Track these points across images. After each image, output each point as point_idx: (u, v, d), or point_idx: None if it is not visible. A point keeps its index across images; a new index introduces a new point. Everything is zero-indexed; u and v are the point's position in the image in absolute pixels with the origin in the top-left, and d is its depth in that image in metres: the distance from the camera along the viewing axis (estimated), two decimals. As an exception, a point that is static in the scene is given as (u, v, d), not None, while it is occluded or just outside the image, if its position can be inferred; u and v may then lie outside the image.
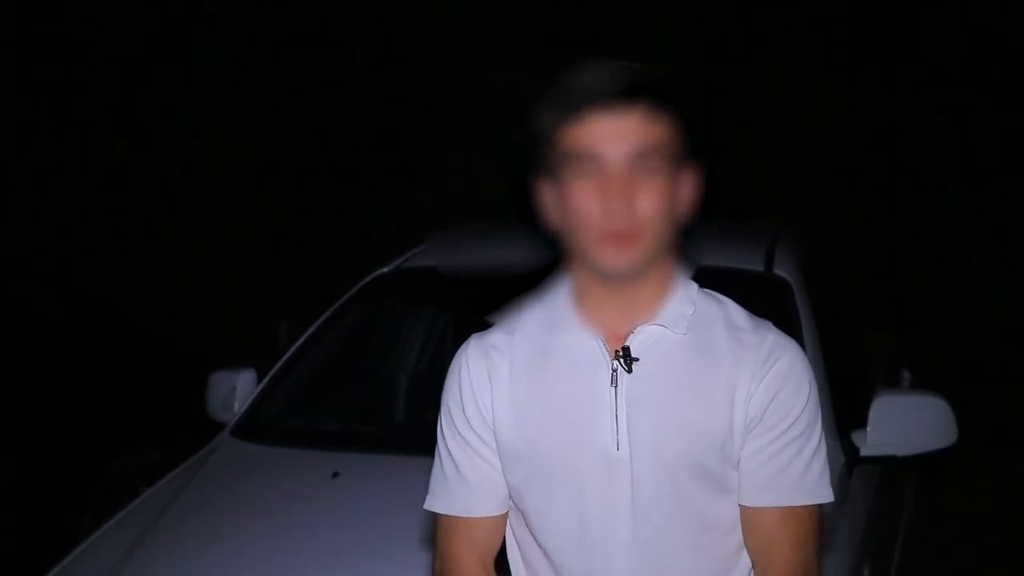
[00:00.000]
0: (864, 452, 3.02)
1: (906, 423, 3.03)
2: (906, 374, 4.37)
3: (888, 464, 3.24)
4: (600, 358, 1.61)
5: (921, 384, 4.20)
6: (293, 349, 3.61)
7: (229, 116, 8.05)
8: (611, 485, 1.59)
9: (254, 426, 3.38)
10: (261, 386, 3.50)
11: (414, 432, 3.55)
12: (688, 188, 1.62)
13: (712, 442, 1.58)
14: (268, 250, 8.11)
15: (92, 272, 6.77)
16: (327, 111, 8.02)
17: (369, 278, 3.71)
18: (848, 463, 2.99)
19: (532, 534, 1.66)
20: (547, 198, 1.63)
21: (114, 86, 7.97)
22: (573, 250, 1.60)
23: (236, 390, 3.47)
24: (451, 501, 1.68)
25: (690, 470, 1.58)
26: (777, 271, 3.33)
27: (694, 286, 1.65)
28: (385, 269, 3.71)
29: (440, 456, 1.71)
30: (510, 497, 1.68)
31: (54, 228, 7.67)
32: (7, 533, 4.44)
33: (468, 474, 1.67)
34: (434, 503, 1.70)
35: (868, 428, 3.01)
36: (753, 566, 1.63)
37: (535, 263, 1.75)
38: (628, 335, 1.60)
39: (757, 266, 3.32)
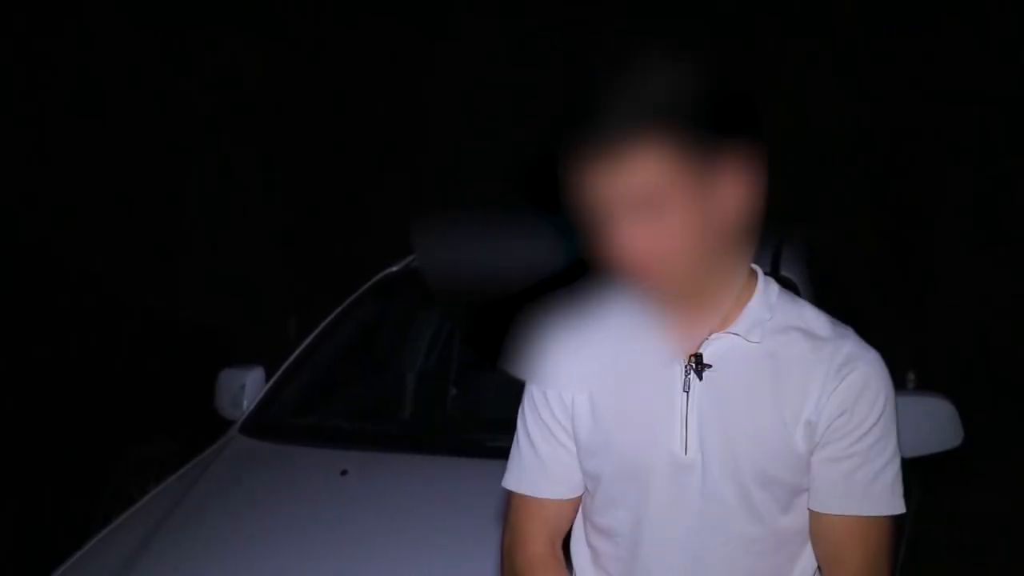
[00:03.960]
0: (870, 454, 3.02)
1: (912, 424, 3.02)
2: (911, 375, 4.37)
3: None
4: (673, 364, 1.60)
5: (926, 385, 4.20)
6: (302, 347, 3.63)
7: (240, 114, 8.07)
8: (678, 487, 1.60)
9: (263, 424, 3.39)
10: (270, 384, 3.53)
11: (422, 430, 3.57)
12: (734, 186, 1.47)
13: (781, 451, 1.57)
14: (280, 245, 8.15)
15: (105, 263, 6.79)
16: (337, 107, 8.04)
17: (378, 276, 3.73)
18: (854, 464, 2.99)
19: (590, 515, 1.70)
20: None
21: (126, 85, 8.00)
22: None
23: (245, 388, 3.50)
24: (526, 480, 1.72)
25: (759, 478, 1.58)
26: (784, 272, 3.34)
27: (774, 290, 1.62)
28: (394, 268, 3.73)
29: (519, 438, 1.74)
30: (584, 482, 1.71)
31: (69, 223, 7.69)
32: (18, 521, 4.46)
33: (545, 457, 1.70)
34: (510, 481, 1.74)
35: (874, 430, 3.00)
36: (822, 572, 1.63)
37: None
38: (702, 341, 1.59)
39: (764, 267, 3.32)
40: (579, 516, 1.75)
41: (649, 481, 1.61)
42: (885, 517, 1.59)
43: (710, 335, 1.59)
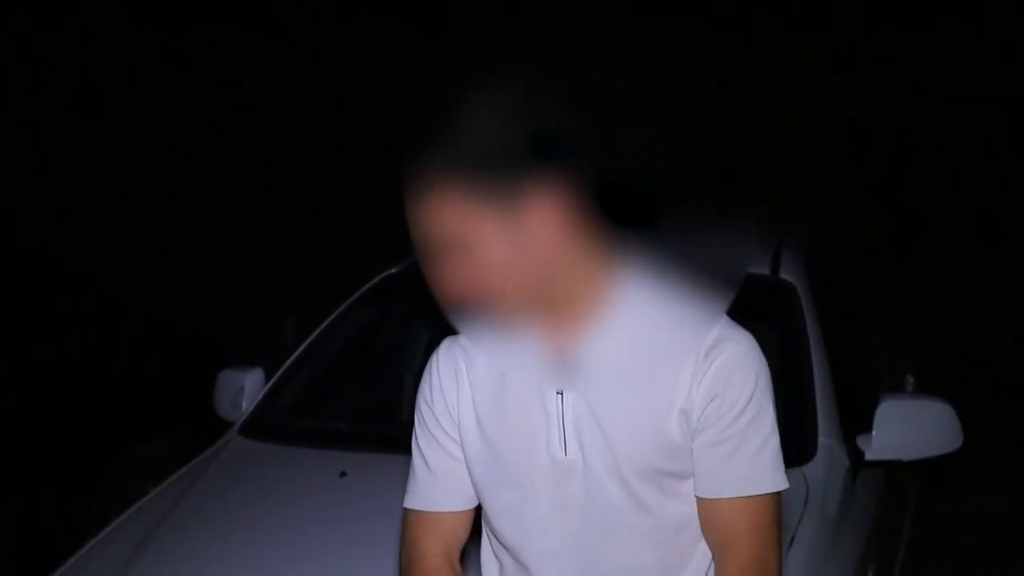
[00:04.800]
0: (869, 456, 3.02)
1: (911, 428, 3.03)
2: (910, 378, 4.38)
3: (893, 468, 3.25)
4: (546, 366, 1.62)
5: (925, 388, 4.21)
6: (301, 348, 3.63)
7: (240, 114, 8.07)
8: (563, 489, 1.62)
9: (262, 425, 3.39)
10: (269, 385, 3.53)
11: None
12: (545, 213, 1.51)
13: (658, 442, 1.58)
14: (280, 245, 8.15)
15: (105, 263, 6.79)
16: (337, 107, 8.04)
17: (378, 278, 3.73)
18: (853, 467, 3.00)
19: (492, 530, 1.72)
20: None
21: (126, 85, 8.00)
22: None
23: (244, 389, 3.50)
24: (419, 496, 1.74)
25: (639, 471, 1.59)
26: (784, 275, 3.35)
27: (643, 283, 1.61)
28: (393, 269, 3.73)
29: (413, 456, 1.77)
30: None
31: (69, 223, 7.70)
32: (18, 521, 4.46)
33: (436, 470, 1.73)
34: (406, 499, 1.76)
35: (873, 432, 3.01)
36: (713, 558, 1.64)
37: None
38: (572, 343, 1.61)
39: (763, 270, 3.34)
40: (486, 534, 1.76)
41: (534, 486, 1.63)
42: (769, 495, 1.59)
43: (580, 337, 1.60)
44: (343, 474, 3.01)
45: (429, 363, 1.76)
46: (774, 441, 1.60)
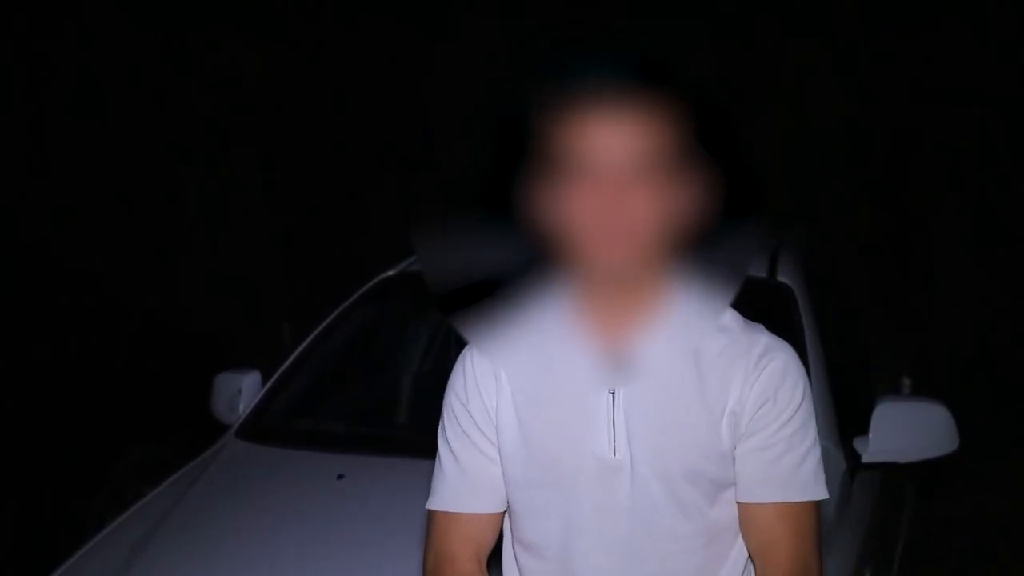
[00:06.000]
0: (866, 459, 3.03)
1: (907, 430, 3.04)
2: (906, 380, 4.38)
3: (889, 470, 3.26)
4: (598, 364, 1.61)
5: (921, 390, 4.21)
6: (298, 351, 3.63)
7: (240, 114, 8.08)
8: (607, 489, 1.60)
9: (259, 427, 3.39)
10: (266, 387, 3.53)
11: (418, 434, 3.57)
12: (697, 189, 1.53)
13: (709, 447, 1.59)
14: (280, 246, 8.15)
15: (105, 263, 6.80)
16: (337, 107, 8.04)
17: (375, 281, 3.74)
18: (850, 469, 3.01)
19: (516, 533, 1.68)
20: (533, 194, 1.55)
21: (126, 85, 8.00)
22: (566, 251, 1.56)
23: (241, 391, 3.50)
24: (449, 497, 1.69)
25: (686, 474, 1.59)
26: (781, 278, 3.35)
27: (694, 291, 1.62)
28: (391, 272, 3.73)
29: (440, 454, 1.72)
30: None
31: (69, 223, 7.70)
32: (18, 521, 4.47)
33: (469, 469, 1.68)
34: (434, 501, 1.71)
35: (870, 435, 3.02)
36: (754, 565, 1.64)
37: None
38: (627, 341, 1.60)
39: (760, 272, 3.34)
40: (509, 536, 1.73)
41: (576, 486, 1.61)
42: (811, 503, 1.61)
43: (634, 335, 1.60)
44: (340, 476, 3.01)
45: (462, 359, 1.71)
46: (817, 452, 1.62)
